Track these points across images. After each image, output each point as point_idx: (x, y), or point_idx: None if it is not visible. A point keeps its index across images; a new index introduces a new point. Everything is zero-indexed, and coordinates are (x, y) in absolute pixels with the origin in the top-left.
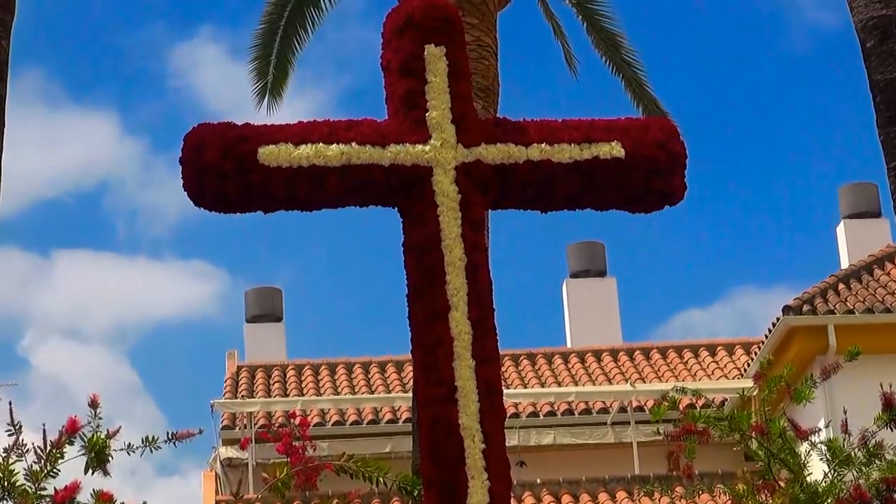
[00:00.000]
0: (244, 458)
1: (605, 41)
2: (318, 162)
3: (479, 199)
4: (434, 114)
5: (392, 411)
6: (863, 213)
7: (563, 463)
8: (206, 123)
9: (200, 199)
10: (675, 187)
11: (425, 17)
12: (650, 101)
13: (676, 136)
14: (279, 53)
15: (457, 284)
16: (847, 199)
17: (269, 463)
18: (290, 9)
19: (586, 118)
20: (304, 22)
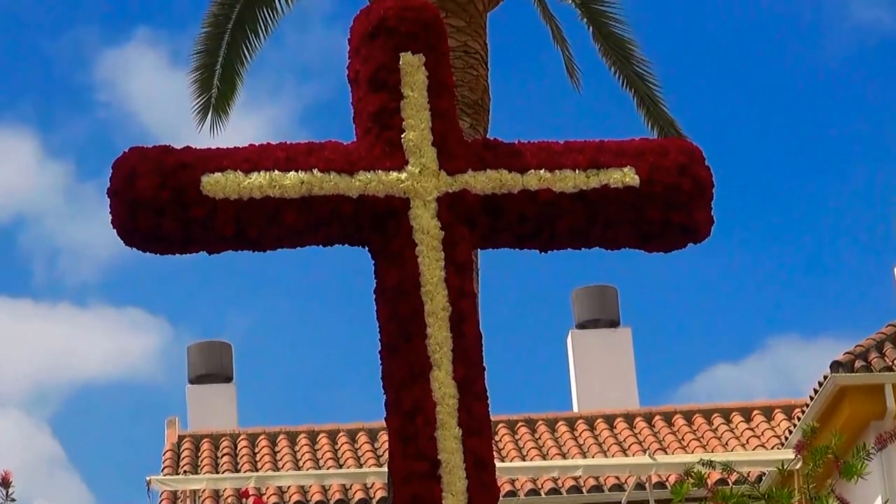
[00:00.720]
0: None
1: (613, 49)
2: (273, 193)
3: (465, 237)
4: (411, 135)
5: (364, 489)
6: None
7: None
8: (140, 147)
9: (133, 237)
10: (700, 221)
11: (400, 19)
12: (666, 121)
13: (701, 160)
14: (226, 62)
15: (439, 338)
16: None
17: None
18: (238, 9)
19: (593, 140)
20: (256, 24)
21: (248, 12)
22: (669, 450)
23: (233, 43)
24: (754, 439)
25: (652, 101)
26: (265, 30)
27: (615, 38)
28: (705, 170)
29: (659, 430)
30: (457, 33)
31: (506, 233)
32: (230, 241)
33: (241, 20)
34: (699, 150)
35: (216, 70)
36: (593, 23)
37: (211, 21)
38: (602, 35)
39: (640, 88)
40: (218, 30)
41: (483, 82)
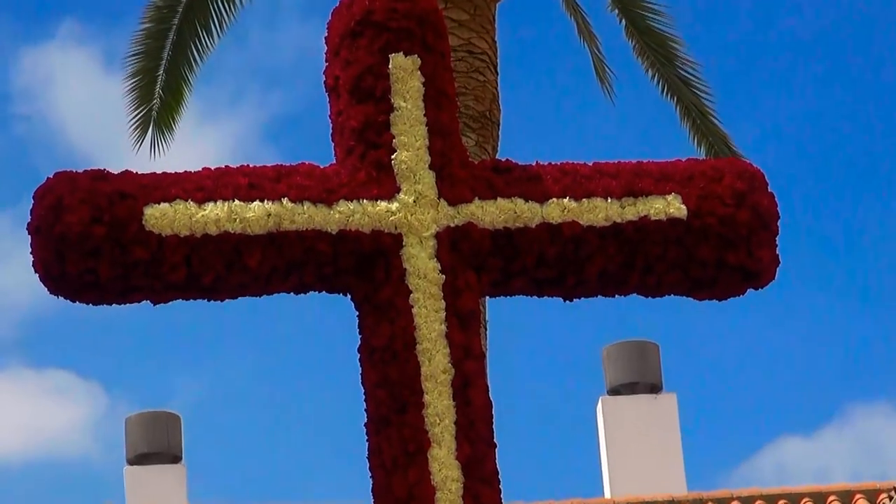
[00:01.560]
0: None
1: (652, 48)
2: (232, 228)
3: (471, 282)
4: (404, 155)
5: None
6: None
7: None
8: (68, 173)
9: (60, 283)
10: (762, 261)
11: (390, 12)
12: (718, 137)
13: (763, 185)
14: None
15: (440, 408)
16: None
17: None
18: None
19: (629, 161)
20: (209, 19)
21: (199, 4)
22: None
23: (179, 42)
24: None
25: (700, 111)
26: (220, 26)
27: (654, 35)
28: (769, 198)
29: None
30: (459, 29)
31: (521, 277)
32: (180, 288)
33: (189, 14)
34: (760, 173)
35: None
36: (627, 15)
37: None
38: (638, 30)
39: (686, 96)
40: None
41: (491, 90)
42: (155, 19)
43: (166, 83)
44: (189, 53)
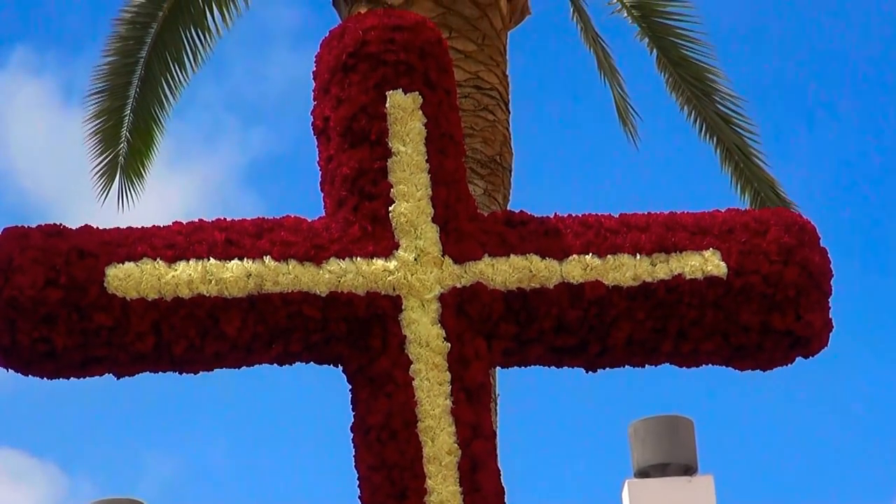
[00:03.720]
0: None
1: (688, 81)
2: (207, 290)
3: (481, 351)
4: (404, 207)
5: None
6: None
7: None
8: (18, 228)
9: (10, 355)
10: (814, 326)
11: (387, 43)
12: (765, 182)
13: (814, 239)
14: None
15: (445, 495)
16: None
17: None
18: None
19: (661, 212)
20: (181, 51)
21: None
22: None
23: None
24: None
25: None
26: (194, 58)
27: (691, 66)
28: (820, 254)
29: None
30: (465, 62)
31: (538, 345)
32: (148, 359)
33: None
34: (811, 225)
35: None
36: (658, 44)
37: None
38: (671, 62)
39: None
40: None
41: (502, 131)
42: (120, 52)
43: (134, 124)
44: (160, 90)
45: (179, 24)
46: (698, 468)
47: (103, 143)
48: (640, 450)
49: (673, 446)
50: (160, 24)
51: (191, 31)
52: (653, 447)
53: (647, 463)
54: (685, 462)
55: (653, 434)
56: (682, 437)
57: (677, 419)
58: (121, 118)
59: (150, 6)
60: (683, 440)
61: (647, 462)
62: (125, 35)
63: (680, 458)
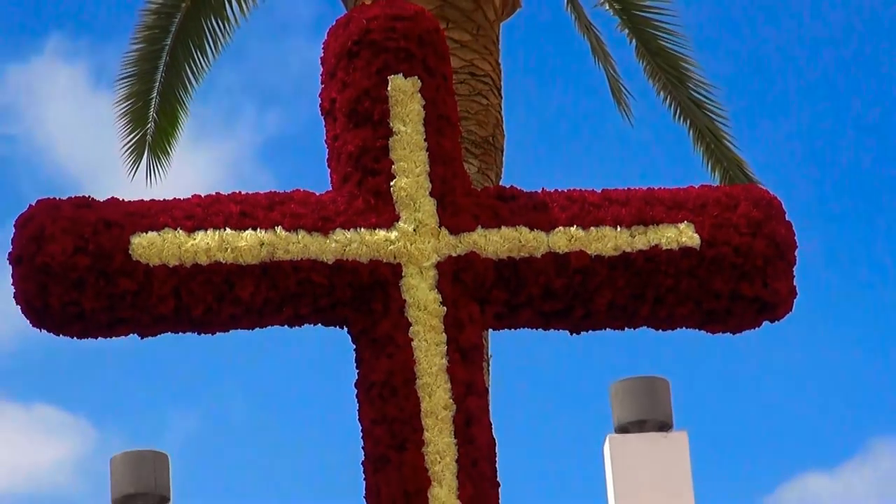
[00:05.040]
0: None
1: (664, 69)
2: (224, 258)
3: (474, 314)
4: (404, 182)
5: None
6: None
7: None
8: (51, 200)
9: (43, 316)
10: (779, 293)
11: (388, 32)
12: (733, 162)
13: (780, 213)
14: (164, 90)
15: (440, 446)
16: None
17: None
18: (178, 21)
19: (639, 188)
20: (202, 39)
21: (193, 23)
22: None
23: (173, 64)
24: None
25: (714, 135)
26: (215, 45)
27: (667, 55)
28: (786, 227)
29: None
30: (461, 50)
31: (527, 309)
32: (169, 321)
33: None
34: (778, 201)
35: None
36: (637, 35)
37: (144, 35)
38: (649, 51)
39: (699, 119)
40: (153, 47)
41: (495, 114)
42: (147, 40)
43: (160, 107)
44: (183, 75)
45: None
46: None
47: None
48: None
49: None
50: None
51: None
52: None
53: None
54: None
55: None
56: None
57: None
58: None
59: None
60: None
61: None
62: (151, 24)
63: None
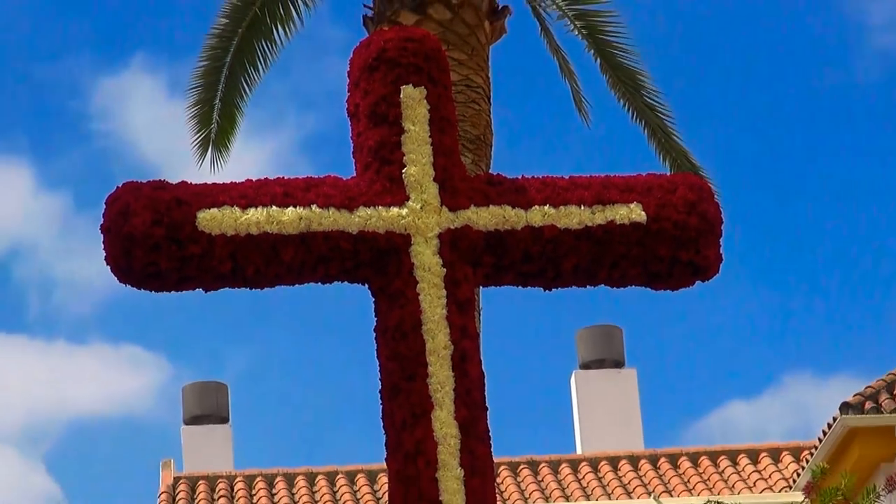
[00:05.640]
0: None
1: (623, 81)
2: (270, 229)
3: (468, 274)
4: (413, 170)
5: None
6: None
7: None
8: (134, 183)
9: (127, 274)
10: (709, 259)
11: (401, 50)
12: (679, 153)
13: (710, 196)
14: (224, 97)
15: (441, 378)
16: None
17: None
18: (236, 42)
19: (599, 175)
20: (255, 57)
21: (247, 45)
22: (675, 493)
23: (231, 77)
24: (761, 482)
25: (664, 132)
26: (265, 62)
27: (624, 69)
28: (714, 206)
29: (664, 473)
30: (459, 67)
31: (509, 271)
32: (226, 278)
33: (239, 54)
34: (708, 185)
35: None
36: (601, 54)
37: (209, 54)
38: (610, 66)
39: (652, 120)
40: (216, 63)
41: (485, 117)
42: (211, 58)
43: (222, 111)
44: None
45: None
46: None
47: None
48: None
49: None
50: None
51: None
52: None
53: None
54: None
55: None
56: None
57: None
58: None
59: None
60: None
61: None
62: (215, 46)
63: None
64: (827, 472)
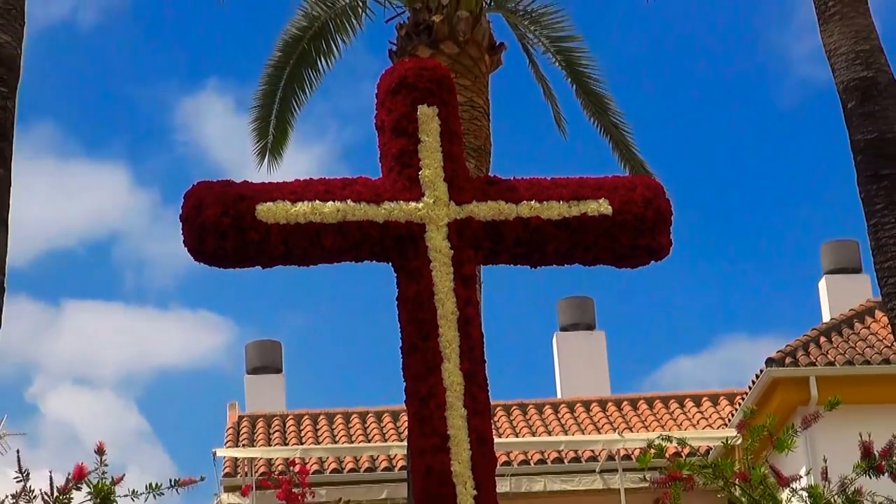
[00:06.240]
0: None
1: (593, 104)
2: (314, 219)
3: (470, 256)
4: (427, 172)
5: (388, 460)
6: (844, 268)
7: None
8: (206, 182)
9: (200, 255)
10: (662, 243)
11: (418, 77)
12: (637, 162)
13: (662, 194)
14: (279, 115)
15: (449, 337)
16: (829, 255)
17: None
18: (288, 70)
19: (575, 176)
20: (303, 83)
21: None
22: (635, 429)
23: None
24: (703, 421)
25: (625, 145)
26: (310, 86)
27: (594, 95)
28: (666, 202)
29: (626, 413)
30: (464, 91)
31: (503, 253)
32: (280, 258)
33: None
34: (661, 186)
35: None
36: (576, 82)
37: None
38: (584, 92)
39: (615, 135)
40: (272, 87)
41: (486, 131)
42: (268, 83)
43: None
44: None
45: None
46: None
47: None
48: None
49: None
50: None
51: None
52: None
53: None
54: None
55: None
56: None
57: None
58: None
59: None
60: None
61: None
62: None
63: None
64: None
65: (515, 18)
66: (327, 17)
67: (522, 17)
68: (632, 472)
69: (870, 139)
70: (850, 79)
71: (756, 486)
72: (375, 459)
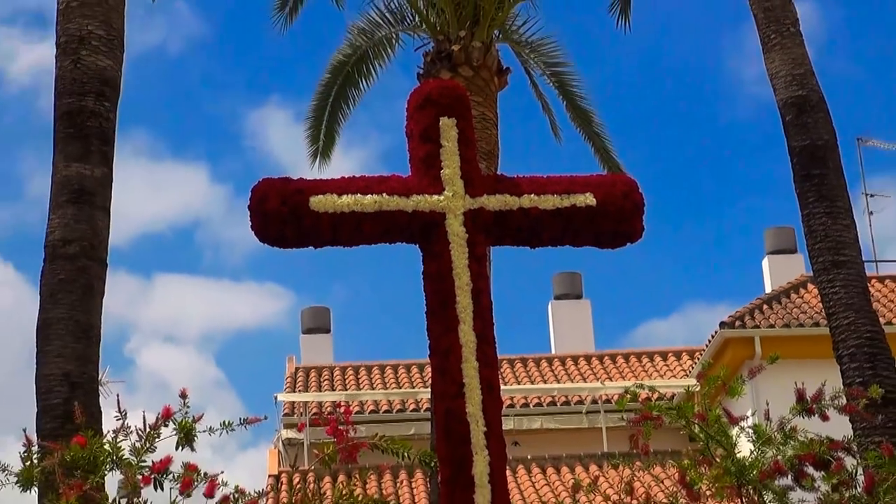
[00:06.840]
0: (301, 438)
1: (579, 117)
2: (356, 209)
3: (482, 239)
4: (447, 171)
5: (415, 402)
6: (783, 249)
7: (548, 443)
8: (269, 178)
9: (265, 238)
10: (637, 229)
11: (441, 95)
12: (614, 164)
13: (637, 189)
14: (328, 125)
15: (464, 304)
16: (771, 238)
17: (319, 442)
18: (336, 89)
19: (566, 175)
20: (348, 99)
21: (343, 91)
22: (614, 379)
23: (332, 111)
24: (669, 372)
25: (605, 150)
26: (354, 101)
27: (580, 110)
28: (640, 195)
29: (608, 367)
30: (477, 105)
31: (508, 237)
32: (328, 241)
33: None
34: (636, 182)
35: (322, 129)
36: (567, 99)
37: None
38: (572, 107)
39: (597, 142)
40: (323, 102)
41: (495, 138)
42: (319, 99)
43: (325, 134)
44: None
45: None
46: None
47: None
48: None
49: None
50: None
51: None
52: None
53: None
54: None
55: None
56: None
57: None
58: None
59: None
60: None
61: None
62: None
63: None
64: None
65: (519, 48)
66: (367, 46)
67: (524, 47)
68: (612, 414)
69: (804, 145)
70: (788, 97)
71: (712, 424)
72: (405, 402)
